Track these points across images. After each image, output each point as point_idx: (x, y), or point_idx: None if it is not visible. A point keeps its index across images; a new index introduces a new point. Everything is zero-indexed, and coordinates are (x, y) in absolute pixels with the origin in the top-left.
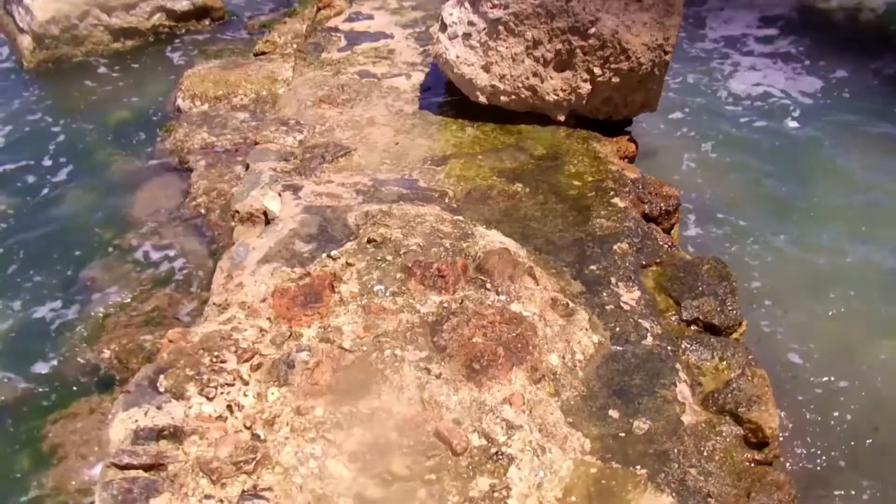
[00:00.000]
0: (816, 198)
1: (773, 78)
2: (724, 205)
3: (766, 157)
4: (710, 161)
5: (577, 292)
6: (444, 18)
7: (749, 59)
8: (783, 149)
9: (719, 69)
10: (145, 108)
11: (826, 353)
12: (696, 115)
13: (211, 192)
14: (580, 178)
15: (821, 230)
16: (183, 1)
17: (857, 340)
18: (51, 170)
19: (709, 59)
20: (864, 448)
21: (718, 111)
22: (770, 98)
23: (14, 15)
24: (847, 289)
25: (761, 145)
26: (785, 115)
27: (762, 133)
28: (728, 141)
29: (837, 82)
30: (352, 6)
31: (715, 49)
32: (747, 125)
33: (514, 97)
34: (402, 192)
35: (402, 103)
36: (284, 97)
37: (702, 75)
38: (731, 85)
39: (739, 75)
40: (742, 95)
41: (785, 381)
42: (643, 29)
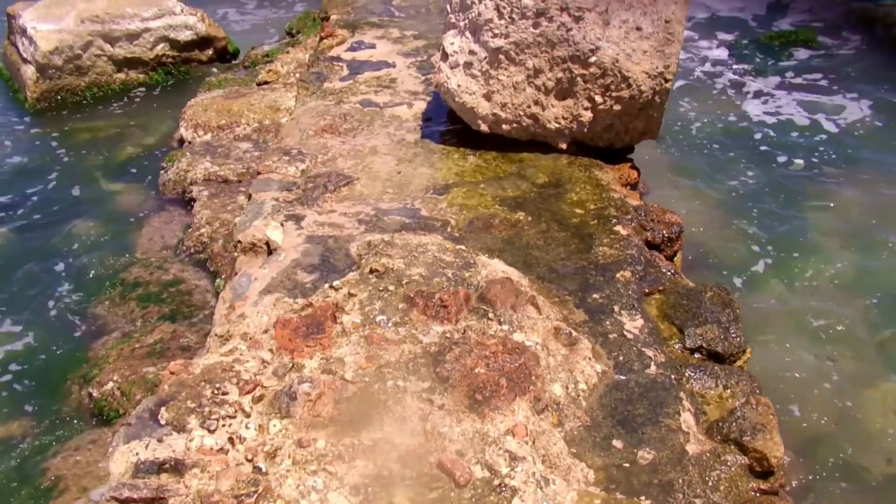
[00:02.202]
0: (818, 229)
1: (780, 105)
2: (725, 232)
3: (769, 185)
4: (713, 187)
5: (579, 321)
6: (446, 48)
7: (755, 85)
8: (785, 177)
9: (723, 95)
10: (148, 138)
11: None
12: (698, 142)
13: (214, 222)
14: (582, 205)
15: (820, 262)
16: (186, 31)
17: (857, 375)
18: (54, 203)
19: (712, 85)
20: (871, 478)
21: (721, 137)
22: (774, 125)
23: (18, 46)
24: (845, 322)
25: (764, 173)
26: (789, 143)
27: (766, 160)
28: (730, 168)
29: (849, 112)
30: (354, 35)
31: (718, 74)
32: (751, 152)
33: (515, 125)
34: (405, 222)
35: (404, 132)
36: (287, 126)
37: (705, 101)
38: (735, 111)
39: (745, 102)
40: (745, 122)
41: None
42: (643, 57)
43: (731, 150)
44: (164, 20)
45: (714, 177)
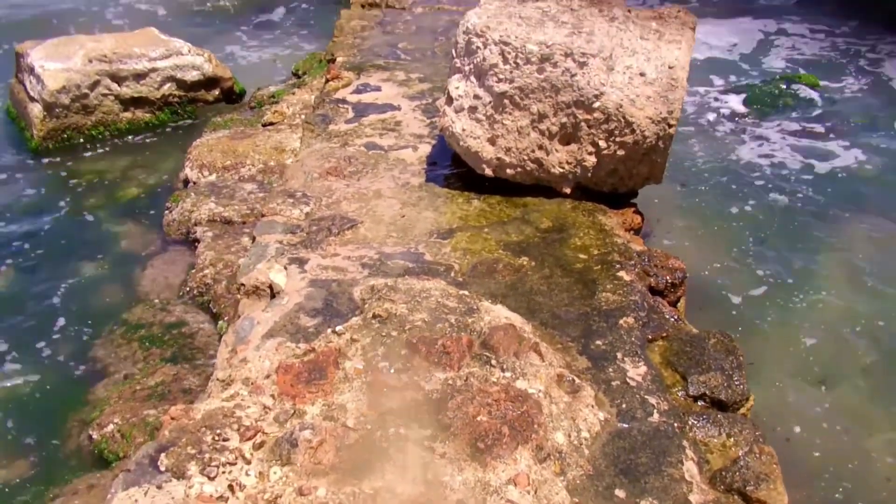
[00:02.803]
0: (820, 274)
1: (780, 148)
2: (728, 277)
3: (772, 229)
4: (716, 232)
5: (582, 368)
6: (451, 92)
7: (756, 128)
8: (790, 221)
9: (726, 138)
10: (153, 178)
11: (828, 431)
12: (702, 186)
13: (217, 264)
14: (586, 251)
15: (823, 307)
16: (193, 71)
17: (859, 418)
18: (58, 242)
19: (715, 128)
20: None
21: (724, 181)
22: (777, 169)
23: (25, 84)
24: (847, 365)
25: (767, 217)
26: (790, 185)
27: (769, 204)
28: (734, 212)
29: (847, 154)
30: (360, 77)
31: (722, 117)
32: (754, 196)
33: (519, 170)
34: (408, 266)
35: (408, 175)
36: (292, 168)
37: (706, 143)
38: (738, 154)
39: (746, 144)
40: (749, 165)
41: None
42: (647, 102)
43: (733, 192)
44: (172, 60)
45: (717, 219)
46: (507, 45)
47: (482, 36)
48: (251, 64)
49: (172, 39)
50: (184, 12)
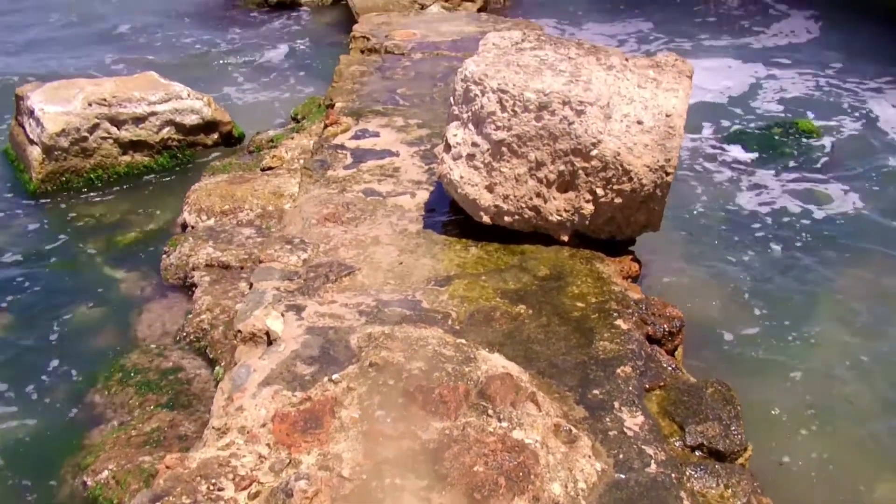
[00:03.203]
0: (819, 323)
1: (779, 193)
2: (726, 326)
3: (772, 279)
4: (714, 281)
5: (579, 417)
6: (449, 139)
7: (754, 174)
8: (787, 265)
9: (723, 183)
10: (151, 222)
11: (831, 482)
12: (700, 234)
13: (215, 309)
14: (583, 299)
15: (822, 357)
16: (192, 115)
17: (861, 470)
18: (55, 287)
19: (712, 173)
20: None
21: (723, 228)
22: (775, 213)
23: (25, 127)
24: (848, 415)
25: (767, 266)
26: (787, 230)
27: (768, 253)
28: (732, 260)
29: (845, 198)
30: (358, 123)
31: (719, 162)
32: (752, 244)
33: (517, 217)
34: (406, 314)
35: (406, 222)
36: (290, 214)
37: (705, 189)
38: (735, 199)
39: (744, 190)
40: (746, 210)
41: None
42: (645, 151)
43: (730, 237)
44: (171, 104)
45: (714, 264)
46: (505, 93)
47: (480, 84)
48: (250, 106)
49: (172, 83)
50: (185, 54)
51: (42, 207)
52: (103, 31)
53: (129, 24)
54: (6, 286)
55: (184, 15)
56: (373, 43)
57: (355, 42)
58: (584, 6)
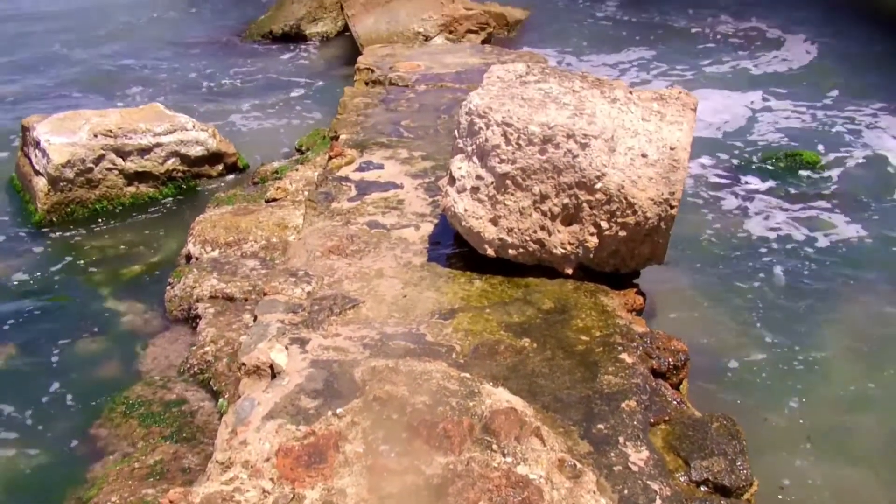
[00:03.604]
0: (824, 352)
1: (783, 223)
2: (731, 356)
3: (776, 309)
4: (719, 312)
5: (584, 452)
6: (453, 172)
7: (759, 206)
8: (794, 299)
9: (728, 214)
10: (156, 253)
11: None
12: (704, 264)
13: (219, 341)
14: (588, 332)
15: (827, 384)
16: (197, 147)
17: (862, 496)
18: (59, 319)
19: (717, 205)
20: None
21: (728, 258)
22: (781, 245)
23: (31, 157)
24: (851, 442)
25: (771, 296)
26: (795, 260)
27: (773, 283)
28: (738, 290)
29: (850, 229)
30: (363, 155)
31: (725, 194)
32: (756, 274)
33: (521, 250)
34: (409, 347)
35: (410, 255)
36: (294, 246)
37: (710, 221)
38: (741, 231)
39: (749, 220)
40: (752, 242)
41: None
42: (649, 184)
43: (734, 267)
44: (176, 135)
45: (719, 295)
46: (510, 127)
47: (484, 117)
48: (255, 137)
49: (177, 115)
50: (190, 86)
51: (47, 238)
52: (108, 62)
53: (134, 55)
54: (11, 317)
55: (190, 47)
56: (377, 75)
57: (360, 74)
58: (586, 36)
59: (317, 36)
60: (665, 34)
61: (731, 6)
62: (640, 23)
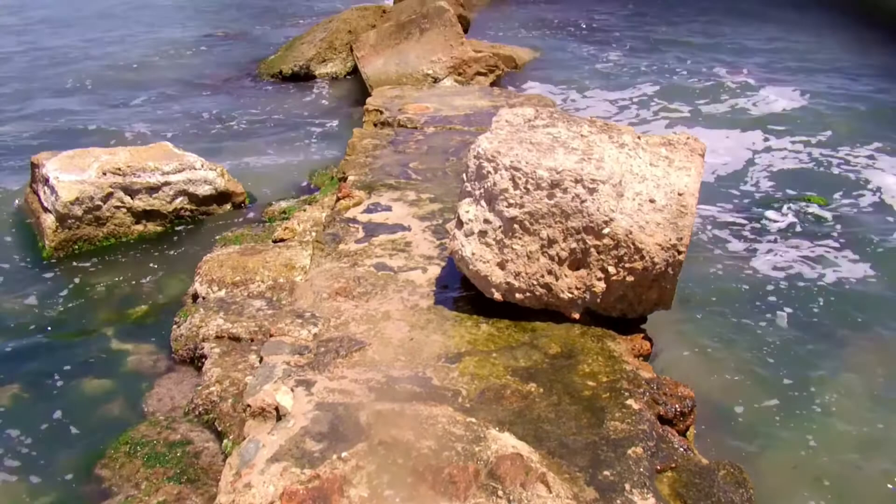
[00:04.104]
0: (832, 394)
1: (790, 267)
2: (739, 401)
3: (783, 352)
4: (725, 356)
5: (590, 499)
6: (461, 216)
7: (765, 249)
8: (801, 342)
9: (735, 254)
10: (162, 291)
11: None
12: (711, 308)
13: (224, 381)
14: (594, 377)
15: (836, 427)
16: (205, 186)
17: None
18: (64, 358)
19: (724, 244)
20: None
21: (735, 300)
22: (788, 288)
23: (39, 194)
24: (860, 485)
25: (778, 339)
26: (803, 306)
27: (779, 326)
28: (745, 333)
29: (857, 271)
30: (371, 197)
31: (730, 237)
32: (763, 317)
33: (529, 294)
34: (416, 391)
35: (417, 297)
36: (301, 288)
37: (715, 264)
38: (746, 274)
39: (754, 265)
40: (758, 285)
41: None
42: (657, 229)
43: (740, 311)
44: (184, 174)
45: (726, 339)
46: (518, 171)
47: (493, 161)
48: (263, 175)
49: (186, 154)
50: (200, 124)
51: (54, 274)
52: (118, 100)
53: (144, 93)
54: (15, 355)
55: (200, 86)
56: (386, 116)
57: (368, 115)
58: (587, 75)
59: (326, 76)
60: (665, 76)
61: (728, 54)
62: (642, 66)
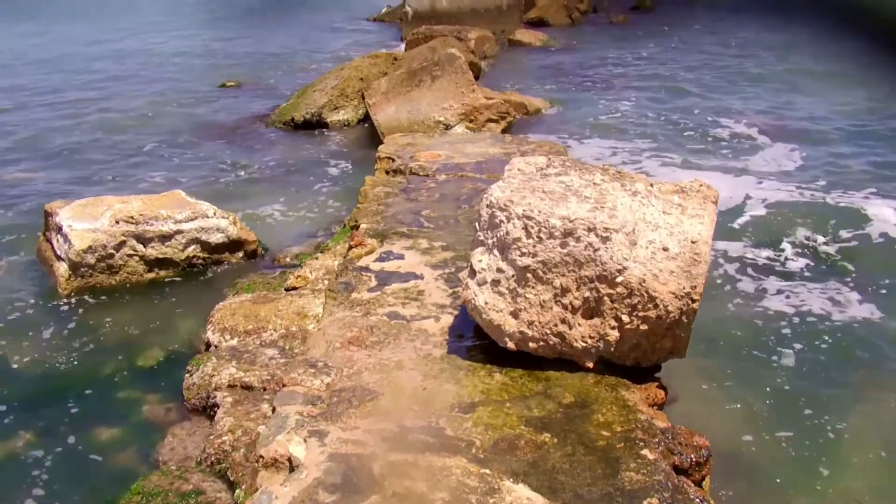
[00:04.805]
0: (848, 439)
1: (802, 307)
2: (754, 448)
3: (800, 396)
4: (741, 402)
5: None
6: (474, 265)
7: (774, 285)
8: (816, 385)
9: (746, 296)
10: (175, 340)
11: None
12: (725, 352)
13: (236, 430)
14: (609, 427)
15: (852, 472)
16: (217, 234)
17: None
18: (75, 407)
19: (735, 287)
20: None
21: (747, 344)
22: (801, 329)
23: (53, 242)
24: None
25: (793, 383)
26: (816, 347)
27: (794, 370)
28: (758, 379)
29: (865, 309)
30: (383, 245)
31: (740, 276)
32: (777, 361)
33: (542, 343)
34: (429, 441)
35: (430, 347)
36: (314, 337)
37: (728, 305)
38: (757, 317)
39: (766, 307)
40: (770, 329)
41: None
42: (670, 277)
43: (754, 356)
44: (197, 223)
45: (740, 385)
46: (531, 220)
47: (505, 210)
48: (275, 222)
49: (198, 202)
50: (212, 172)
51: (66, 321)
52: (131, 148)
53: (157, 141)
54: (27, 403)
55: (212, 134)
56: (398, 164)
57: (380, 163)
58: (598, 123)
59: (338, 123)
60: (662, 130)
61: (739, 101)
62: (652, 115)
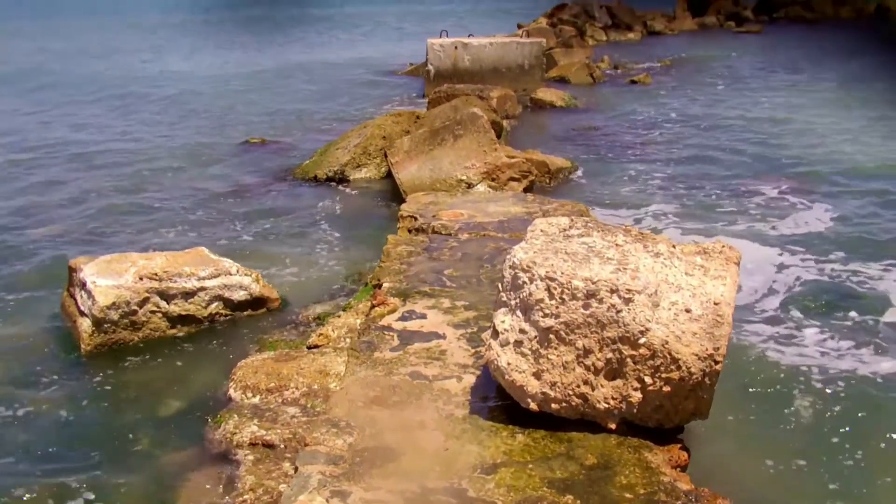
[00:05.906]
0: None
1: (826, 366)
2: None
3: (828, 459)
4: (766, 464)
5: None
6: (497, 325)
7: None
8: (846, 447)
9: (769, 356)
10: (197, 397)
11: None
12: (752, 416)
13: (258, 489)
14: (631, 490)
15: None
16: (240, 291)
17: None
18: (96, 462)
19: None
20: None
21: (772, 404)
22: (826, 386)
23: (76, 298)
24: None
25: (822, 445)
26: (842, 403)
27: (823, 429)
28: (783, 438)
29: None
30: (405, 304)
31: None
32: (807, 419)
33: (564, 405)
34: (451, 503)
35: (452, 407)
36: (336, 396)
37: (753, 365)
38: (785, 368)
39: (790, 365)
40: (795, 387)
41: None
42: (693, 339)
43: (779, 415)
44: (220, 280)
45: (765, 445)
46: (553, 281)
47: (528, 271)
48: (298, 279)
49: (222, 259)
50: (235, 227)
51: (87, 380)
52: (155, 203)
53: (180, 197)
54: (47, 456)
55: (235, 191)
56: (420, 223)
57: (403, 221)
58: (621, 185)
59: (360, 181)
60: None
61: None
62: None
